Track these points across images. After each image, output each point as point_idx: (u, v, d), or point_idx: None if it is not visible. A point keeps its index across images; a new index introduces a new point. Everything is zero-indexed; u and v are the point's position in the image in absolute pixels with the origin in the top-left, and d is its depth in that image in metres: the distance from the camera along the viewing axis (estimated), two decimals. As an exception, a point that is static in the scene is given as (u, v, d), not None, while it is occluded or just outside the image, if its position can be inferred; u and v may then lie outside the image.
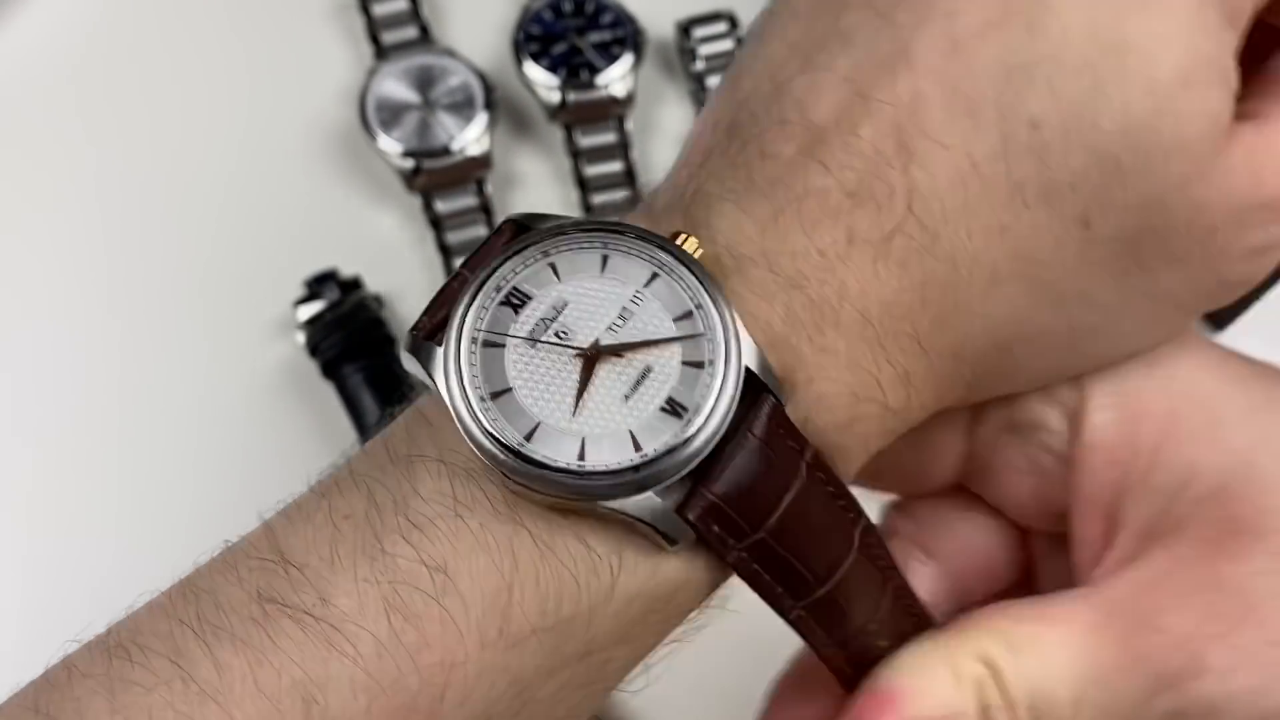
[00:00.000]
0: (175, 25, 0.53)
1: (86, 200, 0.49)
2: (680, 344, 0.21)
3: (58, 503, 0.43)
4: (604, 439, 0.21)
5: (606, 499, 0.20)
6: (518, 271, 0.22)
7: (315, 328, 0.43)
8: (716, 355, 0.21)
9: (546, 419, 0.21)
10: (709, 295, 0.21)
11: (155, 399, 0.45)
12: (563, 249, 0.22)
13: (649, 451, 0.20)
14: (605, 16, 0.49)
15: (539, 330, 0.21)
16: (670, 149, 0.51)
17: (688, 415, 0.21)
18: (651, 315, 0.22)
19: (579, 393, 0.21)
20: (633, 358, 0.21)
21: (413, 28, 0.50)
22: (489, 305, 0.22)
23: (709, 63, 0.50)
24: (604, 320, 0.22)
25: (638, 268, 0.22)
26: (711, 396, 0.21)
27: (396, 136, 0.47)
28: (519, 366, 0.21)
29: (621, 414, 0.21)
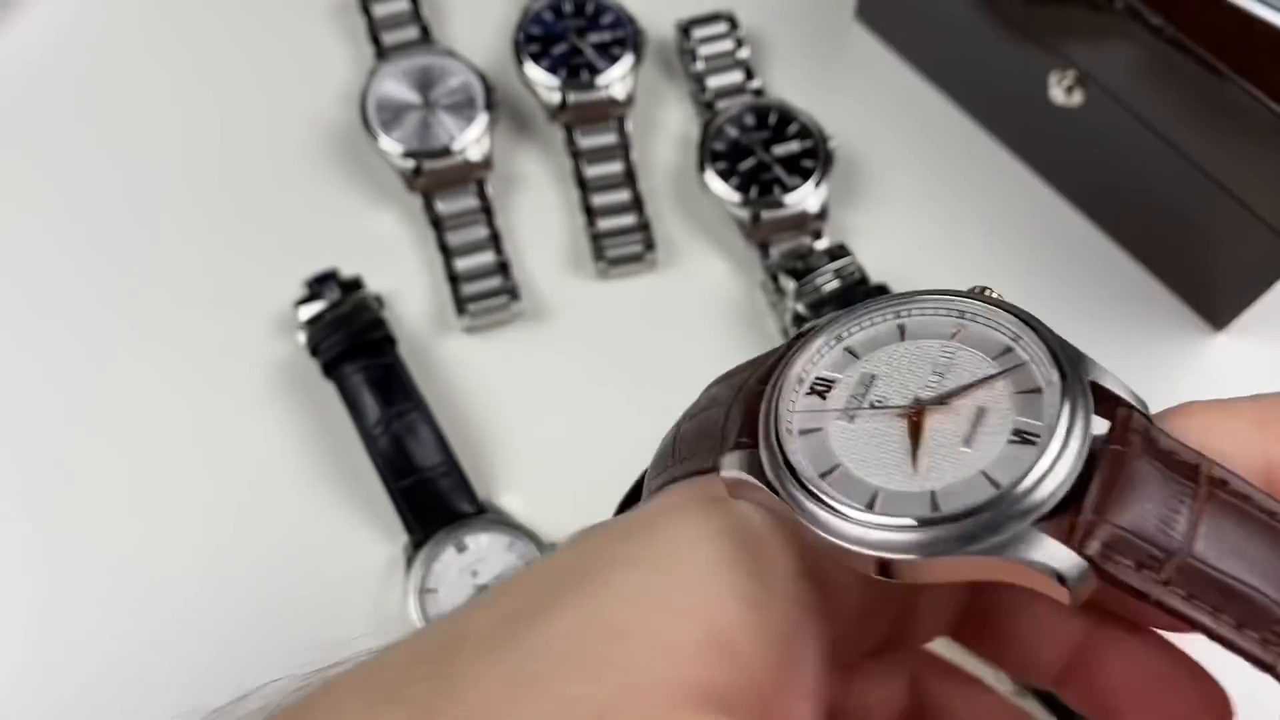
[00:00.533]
0: (178, 27, 0.53)
1: (87, 199, 0.49)
2: (1009, 376, 0.20)
3: (58, 501, 0.43)
4: (956, 487, 0.18)
5: (978, 540, 0.17)
6: (815, 361, 0.21)
7: (316, 327, 0.43)
8: (1053, 376, 0.19)
9: (885, 484, 0.19)
10: (1028, 324, 0.20)
11: (156, 398, 0.45)
12: (854, 330, 0.21)
13: (1015, 476, 0.18)
14: (605, 17, 0.49)
15: (852, 405, 0.20)
16: (670, 150, 0.51)
17: (1042, 438, 0.18)
18: (968, 361, 0.20)
19: (914, 450, 0.19)
20: (961, 404, 0.20)
21: (413, 28, 0.50)
22: (795, 398, 0.20)
23: (709, 63, 0.50)
24: (919, 379, 0.20)
25: (939, 324, 0.21)
26: (1065, 414, 0.18)
27: (397, 137, 0.47)
28: (842, 442, 0.20)
29: (968, 458, 0.19)
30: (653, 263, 0.48)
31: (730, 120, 0.48)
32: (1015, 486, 0.18)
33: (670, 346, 0.45)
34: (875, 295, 0.42)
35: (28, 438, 0.44)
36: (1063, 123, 0.46)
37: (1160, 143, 0.43)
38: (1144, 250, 0.48)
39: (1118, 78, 0.43)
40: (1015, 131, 0.50)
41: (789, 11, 0.53)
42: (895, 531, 0.18)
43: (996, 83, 0.49)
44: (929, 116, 0.52)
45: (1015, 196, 0.50)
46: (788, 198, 0.46)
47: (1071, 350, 0.20)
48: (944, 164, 0.50)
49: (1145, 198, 0.46)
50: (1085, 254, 0.49)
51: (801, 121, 0.48)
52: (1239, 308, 0.45)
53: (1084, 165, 0.48)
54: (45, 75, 0.52)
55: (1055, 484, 0.18)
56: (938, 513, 0.18)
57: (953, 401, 0.20)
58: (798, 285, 0.44)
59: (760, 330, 0.47)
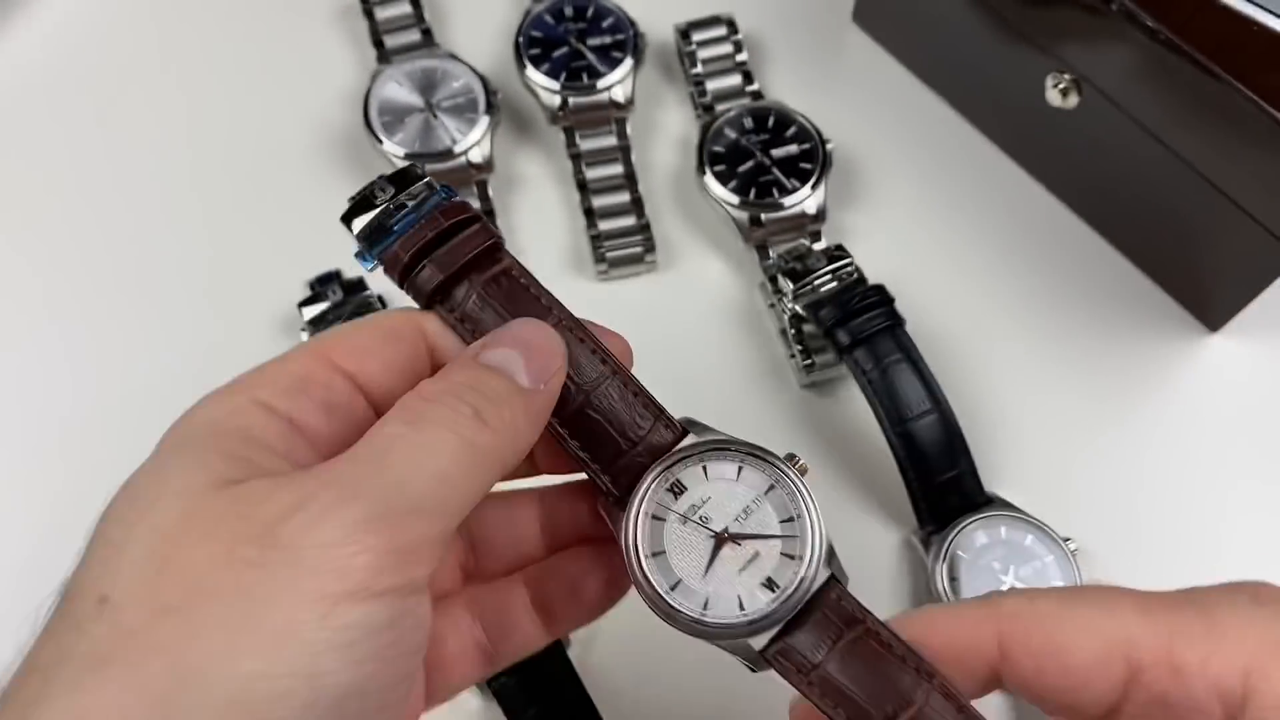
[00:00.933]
0: (182, 30, 0.54)
1: (93, 202, 0.49)
2: (781, 540, 0.30)
3: (60, 502, 0.44)
4: (720, 599, 0.30)
5: (717, 639, 0.30)
6: (684, 469, 0.31)
7: (319, 328, 0.44)
8: (804, 553, 0.30)
9: (685, 578, 0.30)
10: (807, 508, 0.31)
11: (161, 397, 0.45)
12: (712, 458, 0.31)
13: (751, 613, 0.30)
14: (605, 21, 0.50)
15: (690, 512, 0.31)
16: (670, 151, 0.51)
17: (780, 591, 0.30)
18: (766, 515, 0.31)
19: (708, 565, 0.30)
20: (747, 544, 0.30)
21: (415, 32, 0.50)
22: (659, 489, 0.31)
23: (708, 66, 0.50)
24: (730, 514, 0.31)
25: (759, 479, 0.31)
26: (797, 581, 0.30)
27: (399, 139, 0.47)
28: (672, 537, 0.30)
29: (734, 583, 0.30)
30: (652, 264, 0.48)
31: (729, 123, 0.48)
32: (752, 616, 0.29)
33: (670, 347, 0.45)
34: (872, 295, 0.43)
35: (32, 435, 0.45)
36: (1058, 125, 0.46)
37: (1155, 145, 0.43)
38: (1139, 252, 0.48)
39: (1113, 80, 0.43)
40: (1011, 134, 0.50)
41: (787, 15, 0.54)
42: (676, 609, 0.30)
43: (993, 85, 0.49)
44: (926, 119, 0.52)
45: (1011, 198, 0.50)
46: (786, 200, 0.47)
47: (826, 543, 0.30)
48: (941, 166, 0.51)
49: (1140, 199, 0.46)
50: (1081, 255, 0.49)
51: (800, 124, 0.48)
52: (1233, 309, 0.46)
53: (1079, 167, 0.48)
54: (51, 78, 0.52)
55: (776, 619, 0.29)
56: (706, 613, 0.30)
57: (743, 542, 0.30)
58: (795, 287, 0.44)
59: (759, 330, 0.48)
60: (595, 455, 0.31)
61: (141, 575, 0.23)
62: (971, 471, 0.42)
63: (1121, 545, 0.43)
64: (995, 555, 0.41)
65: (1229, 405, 0.46)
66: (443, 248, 0.31)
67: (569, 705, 0.39)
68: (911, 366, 0.42)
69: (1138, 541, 0.43)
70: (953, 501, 0.42)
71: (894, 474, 0.42)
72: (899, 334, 0.42)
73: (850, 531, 0.44)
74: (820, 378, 0.46)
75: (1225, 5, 0.39)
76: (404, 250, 0.30)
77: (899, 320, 0.43)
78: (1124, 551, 0.43)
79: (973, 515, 0.41)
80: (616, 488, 0.31)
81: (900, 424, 0.41)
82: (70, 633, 0.23)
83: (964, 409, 0.42)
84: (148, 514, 0.24)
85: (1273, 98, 0.38)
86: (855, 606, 0.30)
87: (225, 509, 0.24)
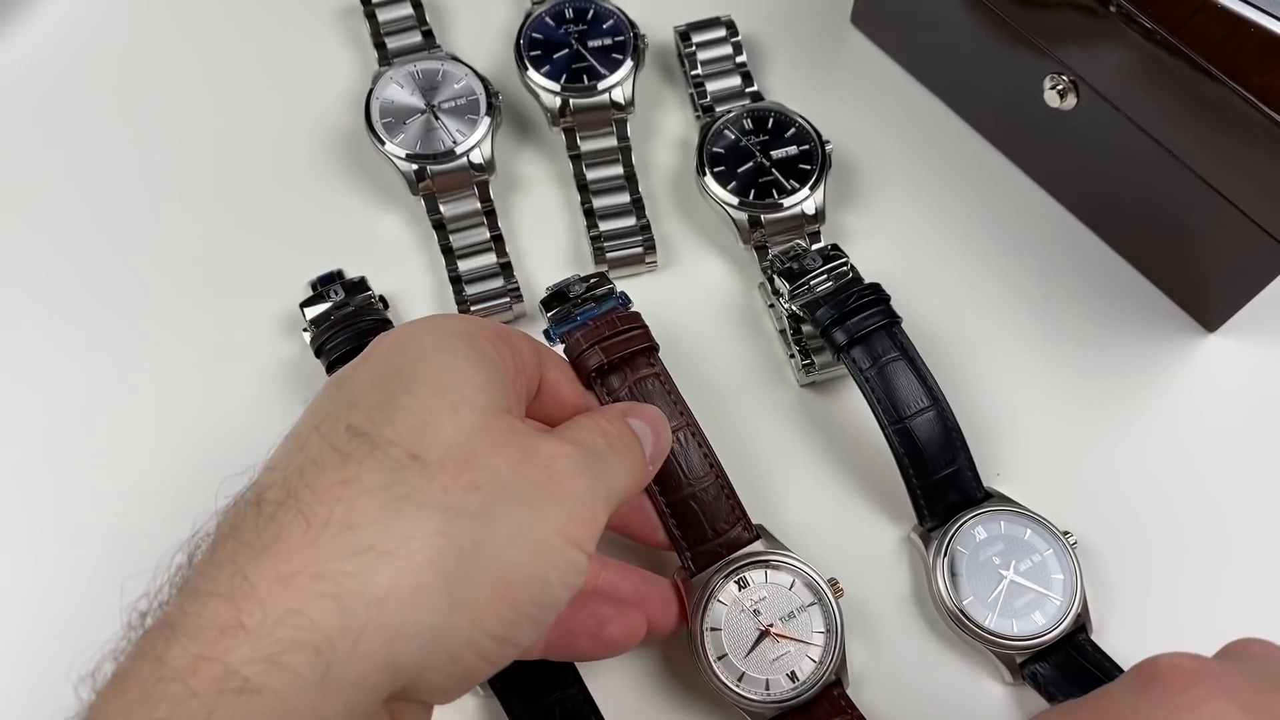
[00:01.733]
0: (184, 31, 0.54)
1: (95, 202, 0.49)
2: (809, 646, 0.39)
3: (64, 502, 0.44)
4: (752, 679, 0.39)
5: (743, 707, 0.38)
6: (749, 570, 0.40)
7: (321, 328, 0.44)
8: (825, 660, 0.39)
9: (731, 654, 0.39)
10: (836, 624, 0.39)
11: (163, 397, 0.46)
12: (774, 567, 0.40)
13: (774, 695, 0.38)
14: (606, 23, 0.50)
15: (747, 605, 0.39)
16: (670, 153, 0.51)
17: (799, 684, 0.39)
18: (804, 623, 0.39)
19: (751, 648, 0.39)
20: (785, 642, 0.39)
21: (417, 34, 0.51)
22: (727, 580, 0.40)
23: (707, 68, 0.51)
24: (777, 613, 0.39)
25: (808, 594, 0.40)
26: (816, 679, 0.38)
27: (401, 141, 0.47)
28: (729, 620, 0.39)
29: (766, 669, 0.39)
30: (652, 265, 0.49)
31: (729, 124, 0.49)
32: (775, 697, 0.38)
33: (670, 346, 0.45)
34: (868, 294, 0.43)
35: (35, 436, 0.45)
36: (1056, 126, 0.47)
37: (1153, 145, 0.43)
38: (1137, 252, 0.49)
39: (1111, 81, 0.43)
40: (1009, 135, 0.51)
41: (786, 17, 0.54)
42: (718, 677, 0.39)
43: (991, 87, 0.49)
44: (924, 120, 0.52)
45: (1009, 199, 0.50)
46: (785, 200, 0.47)
47: (843, 654, 0.39)
48: (939, 167, 0.51)
49: (1138, 200, 0.46)
50: (1078, 256, 0.49)
51: (799, 125, 0.48)
52: (1231, 309, 0.46)
53: (1076, 168, 0.48)
54: (54, 79, 0.52)
55: (791, 704, 0.38)
56: (739, 685, 0.39)
57: (780, 639, 0.39)
58: (791, 287, 0.44)
59: (759, 330, 0.48)
60: (685, 535, 0.40)
61: (452, 457, 0.29)
62: (970, 468, 0.42)
63: (1120, 541, 0.43)
64: (995, 550, 0.41)
65: (1225, 404, 0.46)
66: (610, 341, 0.40)
67: (569, 702, 0.39)
68: (908, 364, 0.42)
69: (1135, 538, 0.44)
70: (952, 498, 0.42)
71: (894, 472, 0.42)
72: (895, 332, 0.43)
73: (851, 530, 0.44)
74: (819, 377, 0.46)
75: (1223, 6, 0.40)
76: (584, 339, 0.40)
77: (895, 318, 0.43)
78: (1123, 547, 0.43)
79: (972, 511, 0.42)
80: (695, 565, 0.40)
81: (898, 421, 0.41)
82: (377, 472, 0.28)
83: (962, 407, 0.42)
84: (452, 415, 0.30)
85: (1270, 98, 0.38)
86: (847, 704, 0.39)
87: (508, 433, 0.31)
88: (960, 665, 0.42)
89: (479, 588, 0.28)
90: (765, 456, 0.45)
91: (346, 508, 0.28)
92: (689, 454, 0.40)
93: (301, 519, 0.28)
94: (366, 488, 0.28)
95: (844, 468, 0.45)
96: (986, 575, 0.41)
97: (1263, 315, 0.47)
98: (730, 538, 0.40)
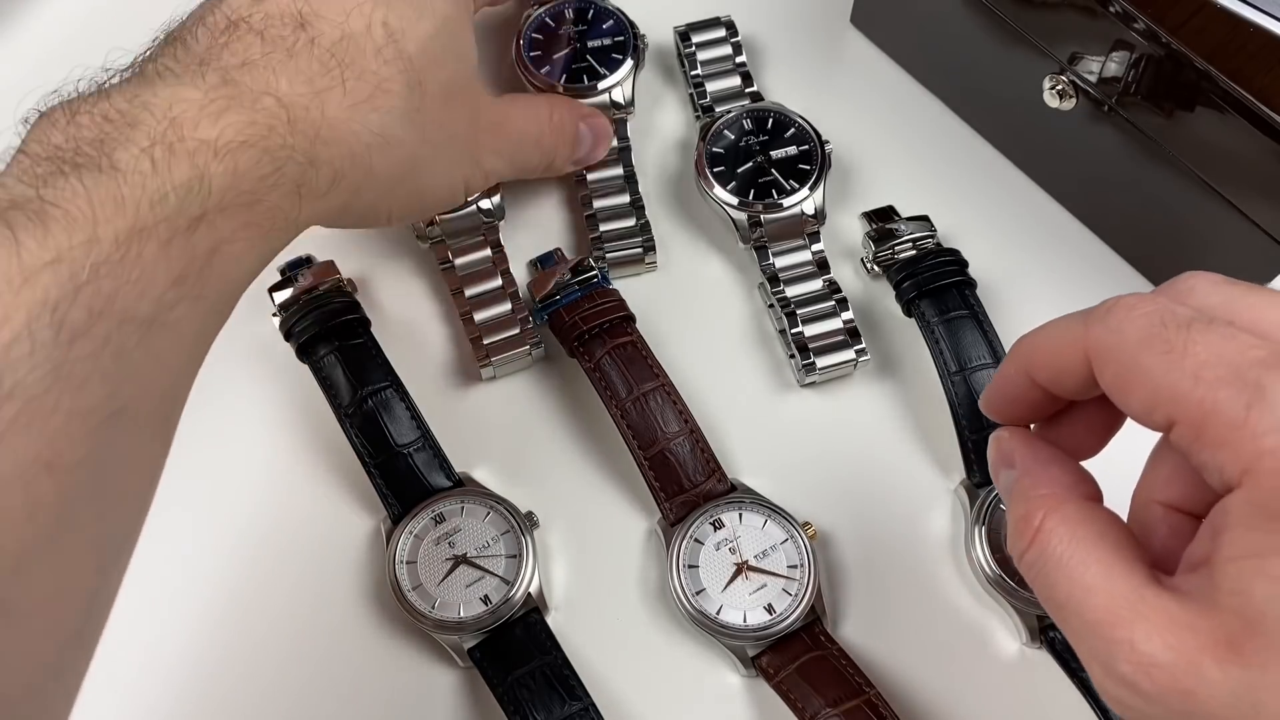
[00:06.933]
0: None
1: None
2: (784, 580, 0.41)
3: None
4: (731, 610, 0.41)
5: (722, 637, 0.41)
6: (724, 512, 0.42)
7: (290, 311, 0.44)
8: (799, 593, 0.41)
9: (709, 589, 0.41)
10: (808, 561, 0.41)
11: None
12: (748, 509, 0.42)
13: (753, 624, 0.40)
14: (605, 23, 0.50)
15: (722, 544, 0.42)
16: (669, 152, 0.51)
17: (774, 617, 0.41)
18: (780, 558, 0.42)
19: (729, 582, 0.41)
20: (757, 576, 0.41)
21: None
22: (703, 521, 0.42)
23: (707, 68, 0.51)
24: (754, 549, 0.42)
25: (780, 531, 0.42)
26: (793, 613, 0.41)
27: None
28: (706, 558, 0.41)
29: (745, 601, 0.41)
30: (652, 265, 0.49)
31: (729, 124, 0.49)
32: (753, 626, 0.41)
33: (669, 346, 0.46)
34: (945, 255, 0.46)
35: None
36: (1056, 126, 0.47)
37: (1153, 145, 0.43)
38: (1136, 252, 0.49)
39: (1110, 82, 0.43)
40: (1009, 135, 0.51)
41: (786, 17, 0.54)
42: (698, 608, 0.41)
43: (990, 87, 0.49)
44: (924, 121, 0.52)
45: (1009, 199, 0.50)
46: (785, 200, 0.47)
47: (816, 589, 0.41)
48: (939, 168, 0.51)
49: (1138, 200, 0.46)
50: (1078, 256, 0.49)
51: (798, 126, 0.48)
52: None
53: (1077, 168, 0.48)
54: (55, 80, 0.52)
55: (769, 635, 0.41)
56: (719, 616, 0.41)
57: (751, 574, 0.41)
58: (876, 250, 0.47)
59: (759, 330, 0.48)
60: (663, 487, 0.42)
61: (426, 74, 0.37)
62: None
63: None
64: None
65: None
66: (588, 311, 0.44)
67: (549, 669, 0.40)
68: (976, 324, 0.44)
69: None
70: None
71: (894, 472, 0.42)
72: (967, 293, 0.44)
73: (852, 529, 0.44)
74: (819, 378, 0.46)
75: (1222, 6, 0.40)
76: (566, 313, 0.44)
77: (969, 280, 0.45)
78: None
79: None
80: (673, 514, 0.42)
81: (958, 371, 0.43)
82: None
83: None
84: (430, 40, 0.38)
85: (1270, 98, 0.38)
86: (828, 639, 0.41)
87: (464, 87, 0.40)
88: (979, 624, 0.43)
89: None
90: (765, 456, 0.45)
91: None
92: (664, 411, 0.43)
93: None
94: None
95: (844, 467, 0.45)
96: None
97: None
98: (705, 489, 0.43)
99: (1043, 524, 0.28)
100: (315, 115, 0.33)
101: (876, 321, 0.48)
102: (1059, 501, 0.28)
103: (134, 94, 0.31)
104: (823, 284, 0.47)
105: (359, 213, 0.37)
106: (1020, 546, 0.28)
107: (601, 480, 0.45)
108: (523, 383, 0.47)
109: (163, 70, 0.32)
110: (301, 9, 0.35)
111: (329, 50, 0.34)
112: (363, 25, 0.35)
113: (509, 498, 0.43)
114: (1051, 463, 0.30)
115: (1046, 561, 0.27)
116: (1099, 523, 0.28)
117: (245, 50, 0.33)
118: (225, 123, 0.31)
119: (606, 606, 0.43)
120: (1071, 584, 0.27)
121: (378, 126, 0.35)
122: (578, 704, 0.39)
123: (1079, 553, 0.27)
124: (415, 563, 0.41)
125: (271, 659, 0.42)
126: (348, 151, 0.35)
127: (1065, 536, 0.27)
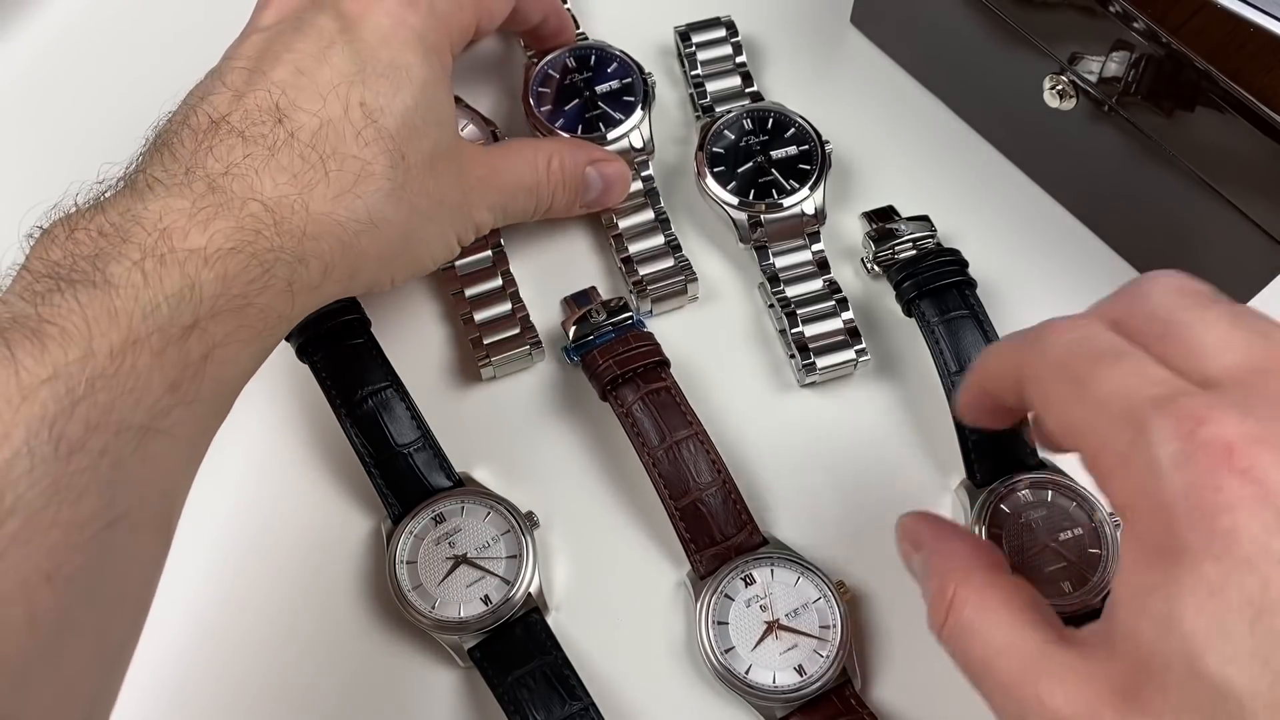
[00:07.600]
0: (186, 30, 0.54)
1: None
2: (818, 640, 0.40)
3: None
4: (761, 670, 0.40)
5: (750, 698, 0.39)
6: (755, 567, 0.41)
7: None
8: (831, 654, 0.40)
9: (738, 647, 0.40)
10: (840, 622, 0.40)
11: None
12: (780, 565, 0.41)
13: (782, 685, 0.39)
14: (610, 66, 0.49)
15: (753, 601, 0.41)
16: (669, 151, 0.51)
17: (805, 679, 0.39)
18: (811, 618, 0.40)
19: (759, 641, 0.40)
20: (788, 636, 0.40)
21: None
22: (734, 577, 0.41)
23: (707, 68, 0.51)
24: (785, 608, 0.40)
25: (813, 590, 0.41)
26: (823, 676, 0.39)
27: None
28: (736, 614, 0.40)
29: (775, 662, 0.40)
30: (694, 297, 0.49)
31: (729, 124, 0.49)
32: (782, 689, 0.39)
33: (669, 346, 0.46)
34: (945, 255, 0.45)
35: None
36: (1056, 126, 0.47)
37: (1153, 145, 0.43)
38: (1136, 251, 0.49)
39: (1110, 82, 0.43)
40: (1009, 136, 0.51)
41: (786, 17, 0.54)
42: (728, 668, 0.40)
43: (990, 87, 0.49)
44: (924, 121, 0.52)
45: (1009, 199, 0.50)
46: (785, 200, 0.47)
47: (848, 650, 0.40)
48: (939, 168, 0.51)
49: (1137, 200, 0.46)
50: (1079, 255, 0.49)
51: (799, 126, 0.48)
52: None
53: (1076, 168, 0.48)
54: (55, 80, 0.52)
55: (798, 698, 0.39)
56: (748, 677, 0.39)
57: (782, 634, 0.40)
58: (876, 249, 0.46)
59: (759, 330, 0.48)
60: (694, 539, 0.41)
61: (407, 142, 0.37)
62: (1025, 434, 0.42)
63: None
64: (1038, 515, 0.41)
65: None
66: (623, 355, 0.43)
67: (549, 669, 0.40)
68: (975, 323, 0.43)
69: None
70: (1002, 458, 0.42)
71: (895, 472, 0.42)
72: (967, 292, 0.44)
73: (853, 529, 0.44)
74: (820, 378, 0.46)
75: (1222, 6, 0.40)
76: (600, 355, 0.43)
77: (969, 280, 0.44)
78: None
79: (1024, 474, 0.42)
80: (703, 567, 0.41)
81: (959, 371, 0.43)
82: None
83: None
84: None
85: (1270, 99, 0.38)
86: (858, 702, 0.39)
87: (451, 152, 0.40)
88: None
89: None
90: (765, 456, 0.45)
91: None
92: (697, 461, 0.42)
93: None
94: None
95: (844, 468, 0.45)
96: (1026, 539, 0.41)
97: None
98: (737, 542, 0.41)
99: (955, 596, 0.29)
100: (300, 213, 0.34)
101: (876, 321, 0.48)
102: (966, 573, 0.29)
103: (126, 207, 0.32)
104: (823, 284, 0.47)
105: (359, 289, 0.38)
106: (938, 621, 0.29)
107: (601, 480, 0.45)
108: (523, 383, 0.47)
109: (152, 182, 0.33)
110: (279, 101, 0.35)
111: (309, 144, 0.35)
112: (340, 109, 0.35)
113: (509, 498, 0.43)
114: (954, 538, 0.31)
115: (961, 631, 0.28)
116: (1004, 589, 0.29)
117: (228, 154, 0.34)
118: (214, 230, 0.32)
119: (605, 614, 0.43)
120: (985, 648, 0.28)
121: (364, 212, 0.35)
122: (578, 704, 0.39)
123: (988, 618, 0.28)
124: (415, 563, 0.41)
125: (271, 659, 0.42)
126: (337, 243, 0.35)
127: (975, 604, 0.28)
